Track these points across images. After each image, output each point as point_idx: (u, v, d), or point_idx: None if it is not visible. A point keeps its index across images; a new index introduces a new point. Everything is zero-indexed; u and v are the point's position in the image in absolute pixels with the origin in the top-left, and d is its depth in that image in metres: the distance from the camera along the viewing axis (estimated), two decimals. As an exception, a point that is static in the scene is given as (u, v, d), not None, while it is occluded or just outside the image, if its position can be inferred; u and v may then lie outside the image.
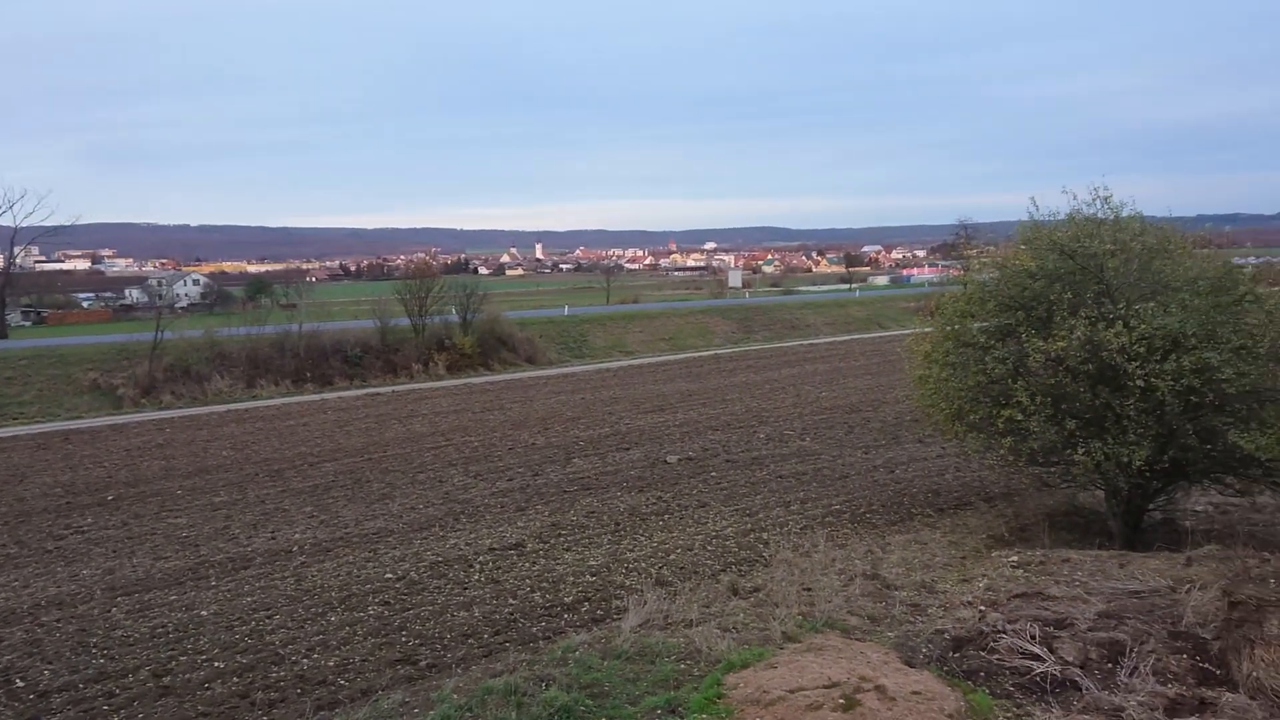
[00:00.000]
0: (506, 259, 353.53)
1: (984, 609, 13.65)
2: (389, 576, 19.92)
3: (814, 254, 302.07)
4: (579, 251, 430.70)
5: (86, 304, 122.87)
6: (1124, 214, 20.62)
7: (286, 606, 18.22)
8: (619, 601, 17.39)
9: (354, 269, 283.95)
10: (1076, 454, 18.22)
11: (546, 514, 24.79)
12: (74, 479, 31.12)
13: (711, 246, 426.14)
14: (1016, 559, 17.41)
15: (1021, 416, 18.70)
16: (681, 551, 21.03)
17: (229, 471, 31.58)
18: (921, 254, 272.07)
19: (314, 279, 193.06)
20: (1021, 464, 20.98)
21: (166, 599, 19.02)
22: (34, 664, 15.79)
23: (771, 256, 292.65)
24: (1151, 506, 20.86)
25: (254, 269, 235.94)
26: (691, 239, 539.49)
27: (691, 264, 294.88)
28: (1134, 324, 17.92)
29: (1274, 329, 18.56)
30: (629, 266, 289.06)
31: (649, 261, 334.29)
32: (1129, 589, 14.05)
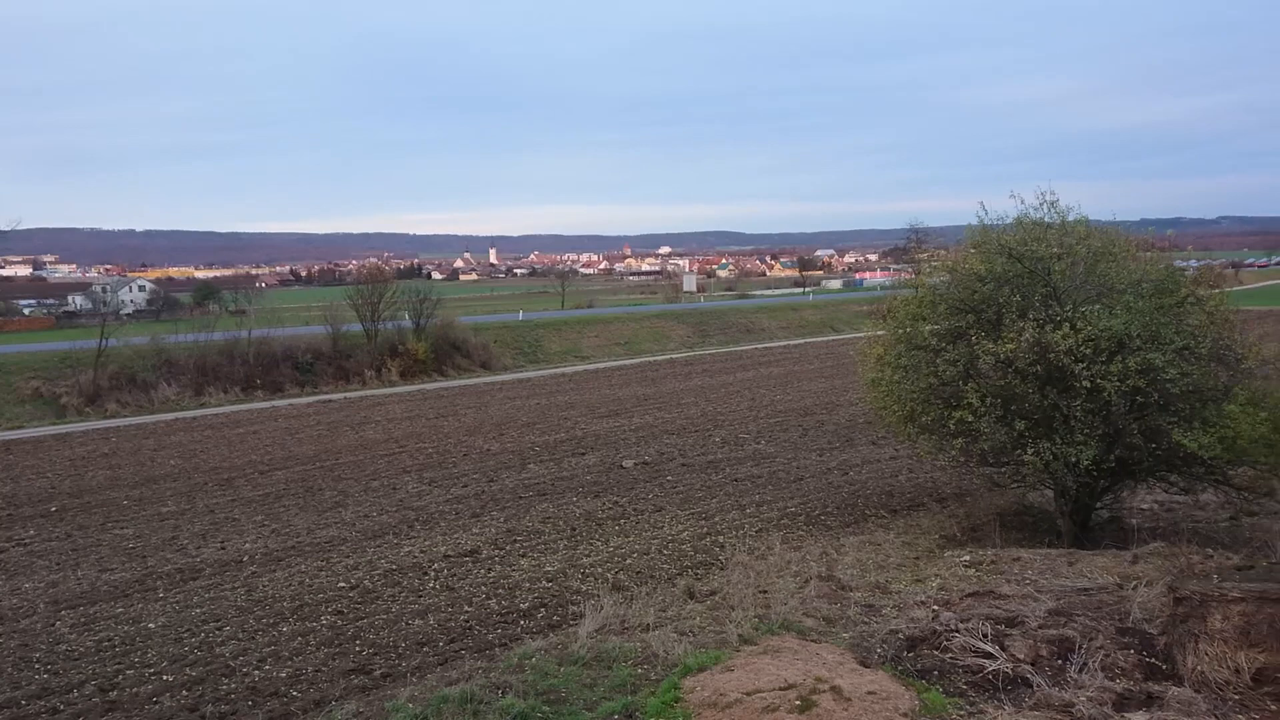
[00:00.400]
0: (460, 264, 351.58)
1: (937, 608, 13.79)
2: (342, 585, 19.64)
3: (768, 258, 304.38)
4: (533, 256, 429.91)
5: (28, 311, 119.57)
6: (1070, 218, 20.95)
7: (237, 617, 17.89)
8: (575, 607, 17.31)
9: (305, 274, 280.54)
10: (1026, 454, 18.50)
11: (502, 520, 24.63)
12: (15, 490, 30.35)
13: (666, 251, 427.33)
14: (969, 558, 17.63)
15: (972, 418, 18.94)
16: (638, 556, 21.01)
17: (177, 481, 30.98)
18: (874, 258, 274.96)
19: (264, 285, 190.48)
20: (973, 465, 21.33)
21: (112, 612, 18.59)
22: (-27, 681, 15.34)
23: (726, 260, 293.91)
24: (1099, 505, 21.25)
25: (202, 275, 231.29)
26: (646, 243, 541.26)
27: (646, 268, 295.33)
28: (1080, 326, 18.22)
29: (1214, 330, 19.09)
30: (584, 271, 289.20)
31: (604, 266, 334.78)
32: (1078, 586, 14.30)
